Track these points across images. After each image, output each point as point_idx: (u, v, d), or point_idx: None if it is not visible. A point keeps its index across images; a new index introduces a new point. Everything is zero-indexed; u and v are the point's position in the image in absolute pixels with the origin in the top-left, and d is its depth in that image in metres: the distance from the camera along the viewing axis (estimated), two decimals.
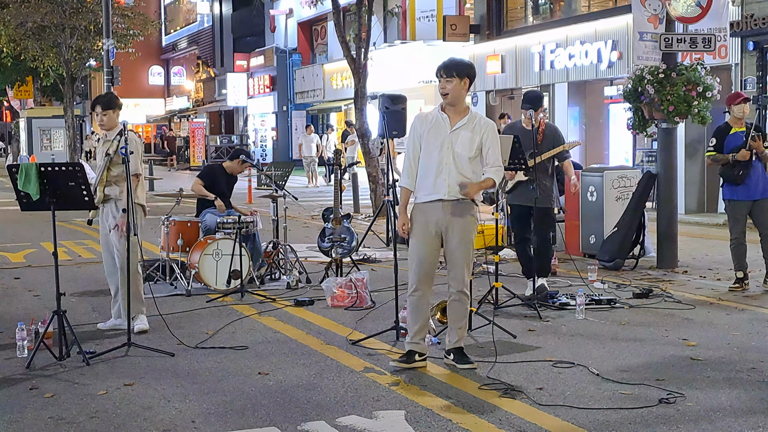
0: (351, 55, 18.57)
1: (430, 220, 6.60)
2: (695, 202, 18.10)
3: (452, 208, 6.55)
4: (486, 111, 24.63)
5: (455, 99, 6.61)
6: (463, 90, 6.63)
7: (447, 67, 6.65)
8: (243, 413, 5.64)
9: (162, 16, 56.87)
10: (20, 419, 5.57)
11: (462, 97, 6.66)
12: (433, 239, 6.64)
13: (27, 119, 44.72)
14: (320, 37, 41.11)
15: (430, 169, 6.58)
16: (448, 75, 6.59)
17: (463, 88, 6.62)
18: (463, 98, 6.69)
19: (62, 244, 13.60)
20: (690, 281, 10.35)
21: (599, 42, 20.49)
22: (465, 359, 6.64)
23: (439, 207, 6.56)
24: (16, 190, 6.79)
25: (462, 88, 6.60)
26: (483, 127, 6.59)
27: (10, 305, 9.33)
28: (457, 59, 6.77)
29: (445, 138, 6.55)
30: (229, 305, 9.14)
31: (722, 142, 9.74)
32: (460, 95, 6.63)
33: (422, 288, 6.69)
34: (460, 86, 6.59)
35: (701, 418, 5.46)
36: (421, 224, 6.65)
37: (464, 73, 6.61)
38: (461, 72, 6.60)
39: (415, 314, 6.72)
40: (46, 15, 33.17)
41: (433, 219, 6.59)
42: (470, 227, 6.64)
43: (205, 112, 51.46)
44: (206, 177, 10.64)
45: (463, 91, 6.62)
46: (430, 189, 6.59)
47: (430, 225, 6.61)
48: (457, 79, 6.56)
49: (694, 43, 10.83)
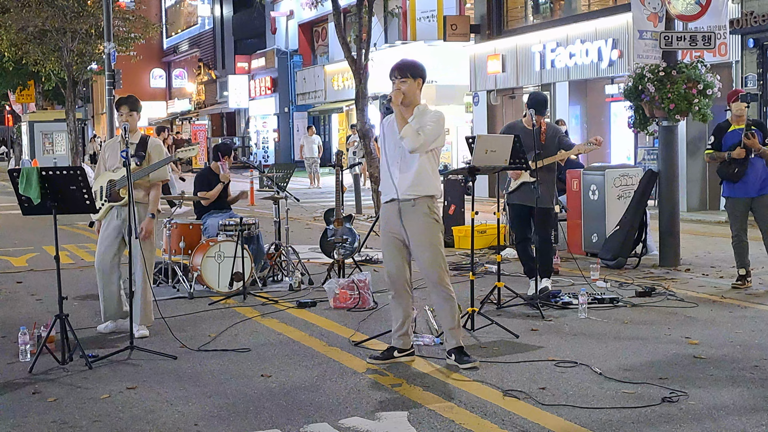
0: (352, 56, 18.57)
1: (389, 221, 6.75)
2: (697, 200, 18.09)
3: (405, 207, 6.64)
4: (487, 111, 24.62)
5: (410, 99, 6.71)
6: (417, 90, 6.72)
7: (401, 68, 6.75)
8: (246, 416, 5.64)
9: (163, 19, 56.92)
10: (23, 423, 5.57)
11: (415, 98, 6.74)
12: (394, 240, 6.75)
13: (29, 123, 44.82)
14: (321, 39, 41.14)
15: (386, 170, 6.73)
16: (402, 76, 6.69)
17: (417, 88, 6.71)
18: (416, 99, 6.75)
19: (64, 248, 13.61)
20: (692, 279, 10.35)
21: (599, 41, 20.48)
22: (465, 358, 6.65)
23: (395, 207, 6.67)
24: (18, 194, 6.80)
25: (415, 88, 6.70)
26: (420, 116, 6.67)
27: (12, 309, 9.34)
28: (410, 60, 6.86)
29: (397, 138, 6.64)
30: (231, 307, 9.14)
31: (720, 139, 9.74)
32: (415, 95, 6.72)
33: (395, 290, 6.83)
34: (414, 86, 6.69)
35: (704, 416, 5.45)
36: (383, 226, 6.85)
37: (418, 74, 6.72)
38: (415, 73, 6.71)
39: (394, 312, 6.91)
40: (47, 19, 33.21)
41: (392, 220, 6.71)
42: (425, 227, 6.64)
43: (207, 115, 51.51)
44: (202, 185, 10.64)
45: (416, 90, 6.72)
46: (386, 190, 6.74)
47: (389, 225, 6.76)
48: (411, 79, 6.68)
49: (694, 41, 10.82)
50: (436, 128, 6.63)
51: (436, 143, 6.68)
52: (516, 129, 9.13)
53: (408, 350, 6.89)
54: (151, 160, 7.89)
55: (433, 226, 6.69)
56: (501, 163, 8.04)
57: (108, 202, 7.83)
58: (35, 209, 6.80)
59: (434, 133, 6.62)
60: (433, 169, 6.73)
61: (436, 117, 6.68)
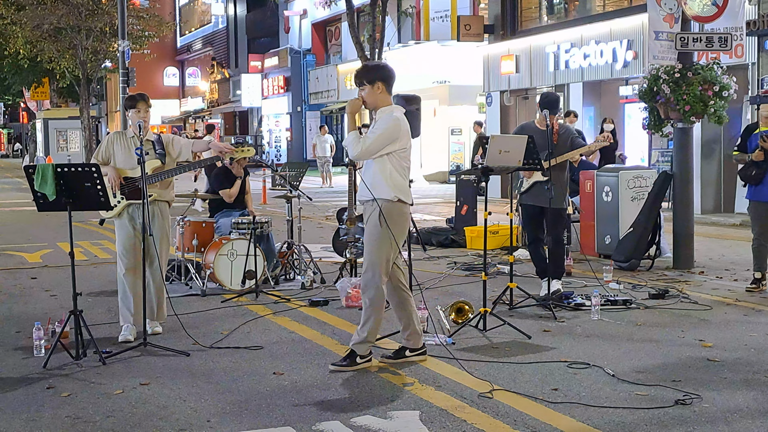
0: (365, 55, 18.62)
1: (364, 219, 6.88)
2: (712, 202, 18.02)
3: (364, 208, 6.79)
4: (500, 111, 24.60)
5: (372, 105, 6.73)
6: (379, 94, 6.70)
7: (357, 76, 6.76)
8: (258, 413, 5.65)
9: (177, 18, 57.09)
10: (37, 418, 5.59)
11: (378, 102, 6.73)
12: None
13: (43, 120, 44.99)
14: (334, 38, 41.17)
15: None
16: (359, 84, 6.73)
17: (377, 92, 6.69)
18: (380, 103, 6.74)
19: (78, 245, 13.65)
20: (706, 282, 10.31)
21: (614, 41, 20.43)
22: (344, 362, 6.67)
23: (361, 207, 6.86)
24: (33, 191, 6.81)
25: (375, 92, 6.69)
26: (378, 120, 6.72)
27: (27, 305, 9.37)
28: (365, 65, 6.86)
29: None
30: (243, 305, 9.15)
31: (746, 141, 9.68)
32: (376, 100, 6.72)
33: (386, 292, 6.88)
34: (374, 91, 6.68)
35: (718, 419, 5.43)
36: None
37: (374, 78, 6.69)
38: (371, 78, 6.69)
39: (396, 314, 6.98)
40: (62, 17, 33.38)
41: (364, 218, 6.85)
42: (373, 228, 6.67)
43: (220, 113, 51.62)
44: (222, 184, 10.63)
45: (378, 95, 6.70)
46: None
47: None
48: (368, 86, 6.68)
49: (710, 42, 10.78)
50: (381, 137, 6.60)
51: (389, 148, 6.62)
52: (529, 130, 9.10)
53: (419, 349, 6.88)
54: (172, 153, 7.87)
55: (378, 226, 6.63)
56: (514, 163, 8.04)
57: (125, 200, 7.67)
58: (50, 205, 6.82)
59: (378, 141, 6.59)
60: (391, 174, 6.67)
61: (385, 125, 6.64)
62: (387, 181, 6.64)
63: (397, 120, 6.66)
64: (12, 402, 5.94)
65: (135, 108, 7.78)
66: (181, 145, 7.97)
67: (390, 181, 6.64)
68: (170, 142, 7.94)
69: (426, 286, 10.01)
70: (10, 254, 13.44)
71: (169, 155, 7.85)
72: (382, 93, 6.70)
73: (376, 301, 6.68)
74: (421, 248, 13.02)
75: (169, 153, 7.86)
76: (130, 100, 7.88)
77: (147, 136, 7.76)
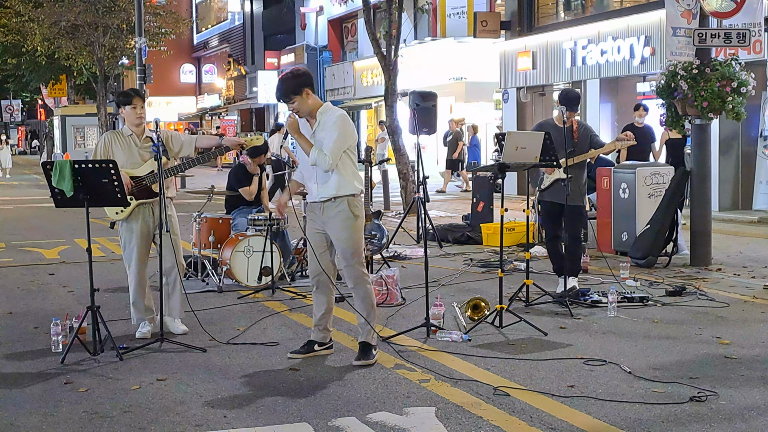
0: (381, 52, 18.57)
1: (314, 219, 6.93)
2: (729, 199, 17.92)
3: (324, 208, 6.81)
4: (517, 108, 24.53)
5: (307, 112, 6.78)
6: (308, 99, 6.75)
7: (282, 94, 6.77)
8: (274, 409, 5.66)
9: (193, 15, 57.26)
10: (55, 413, 5.62)
11: (312, 106, 6.78)
12: (318, 236, 6.93)
13: (61, 117, 45.18)
14: (350, 35, 41.15)
15: (306, 175, 6.95)
16: (287, 100, 6.75)
17: (307, 99, 6.74)
18: (314, 106, 6.79)
19: (96, 241, 13.66)
20: (724, 279, 10.26)
21: (632, 38, 20.33)
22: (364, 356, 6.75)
23: (317, 208, 6.86)
24: (51, 187, 6.84)
25: (305, 100, 6.73)
26: (323, 122, 6.76)
27: (44, 301, 9.42)
28: (284, 81, 6.81)
29: (307, 159, 6.77)
30: (260, 302, 9.17)
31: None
32: (309, 106, 6.77)
33: (317, 283, 7.02)
34: (303, 100, 6.72)
35: (735, 416, 5.41)
36: (309, 222, 7.06)
37: (298, 88, 6.72)
38: (296, 89, 6.71)
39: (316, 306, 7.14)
40: (79, 14, 33.51)
41: (317, 219, 6.89)
42: (345, 223, 6.78)
43: (236, 110, 51.69)
44: (241, 182, 10.64)
45: (308, 101, 6.75)
46: (310, 192, 6.93)
47: (315, 223, 6.93)
48: (298, 97, 6.71)
49: (729, 38, 10.72)
50: (340, 138, 6.68)
51: (345, 146, 6.73)
52: (547, 127, 9.08)
53: (327, 344, 7.08)
54: (173, 149, 7.70)
55: (349, 221, 6.80)
56: (531, 160, 8.03)
57: (135, 200, 7.51)
58: (68, 202, 6.85)
59: (339, 143, 6.68)
60: (351, 168, 6.82)
61: (338, 125, 6.70)
62: (351, 177, 6.80)
63: (344, 116, 6.84)
64: (30, 397, 5.98)
65: (131, 104, 7.61)
66: (182, 141, 7.80)
67: (353, 176, 6.82)
68: (169, 138, 7.73)
69: (442, 282, 10.02)
70: (28, 250, 13.51)
71: (170, 150, 7.68)
72: (310, 97, 6.76)
73: (371, 290, 6.96)
74: (437, 245, 13.02)
75: (170, 148, 7.68)
76: (125, 96, 7.71)
77: (145, 133, 7.66)
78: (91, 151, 8.35)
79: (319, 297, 7.02)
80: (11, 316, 8.66)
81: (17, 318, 8.57)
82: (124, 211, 7.57)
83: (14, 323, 8.34)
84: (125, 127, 7.71)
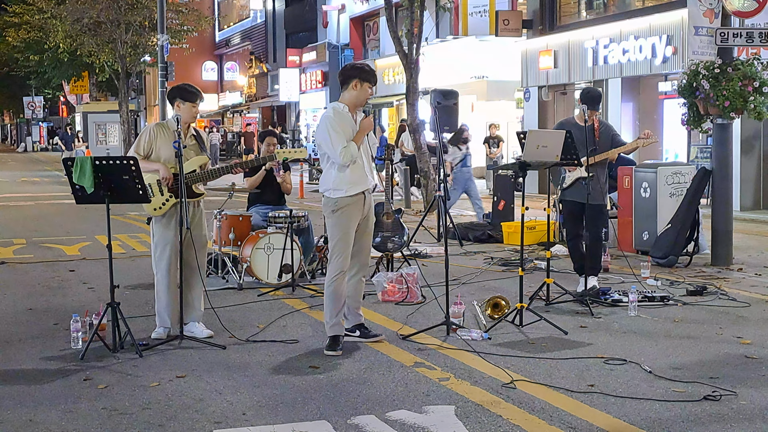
0: (403, 50, 18.57)
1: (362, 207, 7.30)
2: (751, 199, 17.83)
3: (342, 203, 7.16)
4: (538, 107, 24.48)
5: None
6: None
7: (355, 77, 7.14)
8: (294, 406, 5.67)
9: (215, 12, 57.38)
10: (74, 409, 5.65)
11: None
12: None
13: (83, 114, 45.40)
14: (372, 33, 41.13)
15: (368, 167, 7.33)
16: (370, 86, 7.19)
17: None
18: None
19: (116, 238, 13.77)
20: (745, 279, 10.20)
21: (654, 37, 20.25)
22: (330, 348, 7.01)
23: (368, 195, 7.30)
24: (72, 184, 6.86)
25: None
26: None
27: (65, 297, 9.47)
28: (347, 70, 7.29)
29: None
30: (280, 299, 9.19)
31: None
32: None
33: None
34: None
35: (756, 416, 5.38)
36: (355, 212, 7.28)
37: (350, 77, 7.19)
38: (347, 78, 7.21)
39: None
40: (102, 11, 33.69)
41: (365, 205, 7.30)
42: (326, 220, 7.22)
43: (258, 108, 51.82)
44: (251, 172, 10.65)
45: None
46: (366, 182, 7.26)
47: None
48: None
49: (751, 37, 10.65)
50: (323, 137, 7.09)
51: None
52: (568, 126, 9.05)
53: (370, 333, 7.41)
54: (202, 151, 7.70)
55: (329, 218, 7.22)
56: (552, 158, 8.00)
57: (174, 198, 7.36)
58: (88, 198, 6.85)
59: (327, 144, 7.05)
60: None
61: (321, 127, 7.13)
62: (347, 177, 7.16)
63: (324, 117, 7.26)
64: (49, 394, 6.01)
65: (193, 103, 7.47)
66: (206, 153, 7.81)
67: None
68: (205, 139, 7.92)
69: (462, 281, 10.01)
70: (49, 247, 13.58)
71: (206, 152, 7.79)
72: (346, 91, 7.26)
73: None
74: (457, 243, 13.00)
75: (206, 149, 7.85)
76: (191, 93, 7.48)
77: (190, 131, 7.61)
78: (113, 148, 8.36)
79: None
80: (31, 312, 8.71)
81: (37, 314, 8.61)
82: (165, 205, 7.37)
83: (34, 319, 8.38)
84: (171, 120, 7.33)
